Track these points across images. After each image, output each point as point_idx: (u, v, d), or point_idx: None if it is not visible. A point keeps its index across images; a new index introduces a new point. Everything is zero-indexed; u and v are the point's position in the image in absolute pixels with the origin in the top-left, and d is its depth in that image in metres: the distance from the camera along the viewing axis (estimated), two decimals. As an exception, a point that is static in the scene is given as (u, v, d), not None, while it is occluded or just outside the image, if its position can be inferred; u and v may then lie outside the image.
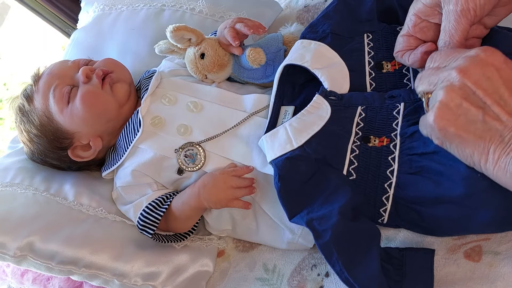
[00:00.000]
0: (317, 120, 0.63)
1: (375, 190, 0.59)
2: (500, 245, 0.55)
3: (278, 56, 0.78)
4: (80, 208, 0.77)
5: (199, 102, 0.77)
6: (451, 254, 0.58)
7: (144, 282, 0.72)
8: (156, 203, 0.73)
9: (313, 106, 0.64)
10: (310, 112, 0.64)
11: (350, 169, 0.61)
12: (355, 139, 0.62)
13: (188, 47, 0.80)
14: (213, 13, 0.98)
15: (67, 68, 0.80)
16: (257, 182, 0.71)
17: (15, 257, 0.68)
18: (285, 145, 0.63)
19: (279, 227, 0.71)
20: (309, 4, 1.00)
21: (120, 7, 1.03)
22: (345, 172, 0.60)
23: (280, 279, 0.70)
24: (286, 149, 0.62)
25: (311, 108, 0.64)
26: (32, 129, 0.79)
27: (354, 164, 0.61)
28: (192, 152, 0.73)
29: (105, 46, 1.00)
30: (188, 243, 0.78)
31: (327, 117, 0.63)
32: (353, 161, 0.61)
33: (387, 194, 0.58)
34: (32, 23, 1.93)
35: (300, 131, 0.62)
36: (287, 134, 0.63)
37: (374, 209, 0.59)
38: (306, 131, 0.62)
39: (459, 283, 0.54)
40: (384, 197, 0.59)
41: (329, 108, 0.63)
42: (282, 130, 0.64)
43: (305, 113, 0.64)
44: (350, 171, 0.61)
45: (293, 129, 0.63)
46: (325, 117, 0.63)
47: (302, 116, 0.64)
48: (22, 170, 0.82)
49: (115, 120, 0.79)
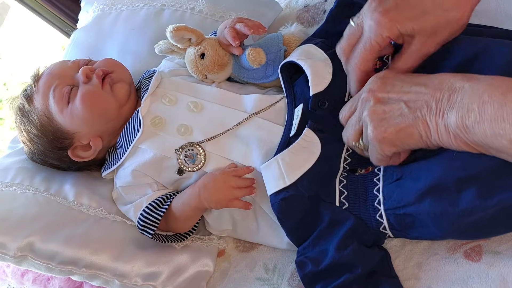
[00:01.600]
0: (309, 156, 0.64)
1: (368, 211, 0.60)
2: (500, 244, 0.55)
3: (278, 56, 0.78)
4: (80, 208, 0.77)
5: (199, 102, 0.77)
6: (451, 254, 0.58)
7: (144, 282, 0.72)
8: (156, 203, 0.73)
9: (304, 139, 0.65)
10: (302, 146, 0.65)
11: (342, 199, 0.62)
12: (343, 172, 0.64)
13: (188, 47, 0.80)
14: (213, 13, 0.98)
15: (67, 68, 0.80)
16: (257, 183, 0.71)
17: (15, 257, 0.68)
18: (278, 181, 0.64)
19: (279, 227, 0.71)
20: (309, 4, 1.00)
21: (120, 7, 1.03)
22: (338, 203, 0.62)
23: (280, 279, 0.70)
24: (279, 185, 0.63)
25: (302, 142, 0.65)
26: (32, 129, 0.79)
27: (344, 194, 0.62)
28: (192, 152, 0.73)
29: (105, 46, 1.00)
30: (189, 243, 0.78)
31: (318, 153, 0.64)
32: (343, 191, 0.63)
33: (379, 212, 0.59)
34: (32, 23, 1.93)
35: (293, 168, 0.64)
36: (279, 168, 0.64)
37: (375, 230, 0.60)
38: (299, 168, 0.63)
39: (459, 282, 0.54)
40: (377, 215, 0.59)
41: (319, 145, 0.65)
42: (274, 164, 0.65)
43: (297, 147, 0.65)
44: (342, 201, 0.62)
45: (285, 164, 0.64)
46: (316, 154, 0.64)
47: (294, 150, 0.65)
48: (22, 170, 0.82)
49: (115, 120, 0.79)
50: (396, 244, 0.63)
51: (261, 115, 0.74)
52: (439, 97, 0.49)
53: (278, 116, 0.73)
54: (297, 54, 0.73)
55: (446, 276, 0.56)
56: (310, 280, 0.61)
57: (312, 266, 0.61)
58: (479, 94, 0.46)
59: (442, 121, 0.48)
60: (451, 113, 0.47)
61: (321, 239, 0.62)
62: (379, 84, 0.55)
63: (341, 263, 0.59)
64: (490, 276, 0.53)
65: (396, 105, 0.52)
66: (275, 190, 0.64)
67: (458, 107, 0.47)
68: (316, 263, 0.61)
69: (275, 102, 0.75)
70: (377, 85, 0.55)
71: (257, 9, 0.98)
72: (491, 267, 0.54)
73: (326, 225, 0.62)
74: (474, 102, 0.46)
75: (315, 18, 0.97)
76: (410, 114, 0.51)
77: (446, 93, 0.49)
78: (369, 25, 0.57)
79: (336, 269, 0.59)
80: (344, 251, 0.59)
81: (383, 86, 0.54)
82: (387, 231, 0.59)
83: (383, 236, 0.61)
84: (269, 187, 0.65)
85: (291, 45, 0.79)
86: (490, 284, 0.52)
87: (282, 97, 0.76)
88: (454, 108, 0.47)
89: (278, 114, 0.74)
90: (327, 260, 0.60)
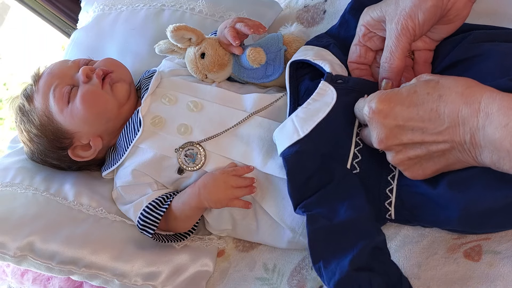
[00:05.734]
0: (323, 106, 0.62)
1: (379, 183, 0.59)
2: (500, 244, 0.55)
3: (278, 56, 0.78)
4: (80, 208, 0.77)
5: (199, 102, 0.77)
6: (451, 254, 0.58)
7: (144, 282, 0.72)
8: (156, 203, 0.73)
9: (318, 93, 0.63)
10: (316, 100, 0.63)
11: (354, 163, 0.61)
12: (358, 130, 0.62)
13: (188, 47, 0.80)
14: (213, 13, 0.98)
15: (67, 68, 0.80)
16: (257, 182, 0.71)
17: (15, 257, 0.68)
18: (292, 135, 0.62)
19: (280, 226, 0.71)
20: (309, 4, 1.00)
21: (120, 7, 1.03)
22: (349, 166, 0.61)
23: (280, 278, 0.70)
24: (293, 139, 0.61)
25: (316, 95, 0.63)
26: (32, 129, 0.79)
27: (358, 158, 0.61)
28: (192, 151, 0.73)
29: (105, 46, 1.00)
30: (188, 243, 0.78)
31: (333, 102, 0.61)
32: (357, 155, 0.61)
33: (390, 186, 0.59)
34: (32, 23, 1.93)
35: (305, 120, 0.62)
36: (293, 125, 0.63)
37: (379, 203, 0.60)
38: (312, 119, 0.61)
39: (459, 282, 0.54)
40: (387, 190, 0.59)
41: (334, 93, 0.62)
42: (289, 122, 0.64)
43: (311, 101, 0.63)
44: (354, 165, 0.61)
45: (299, 119, 0.63)
46: (331, 103, 0.61)
47: (307, 105, 0.63)
48: (22, 170, 0.82)
49: (115, 119, 0.79)
50: (396, 244, 0.63)
51: (261, 114, 0.74)
52: (461, 141, 0.48)
53: (279, 114, 0.73)
54: (312, 54, 0.70)
55: (445, 276, 0.56)
56: (321, 236, 0.57)
57: (324, 220, 0.58)
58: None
59: (479, 153, 0.47)
60: (484, 154, 0.47)
61: (329, 198, 0.59)
62: (386, 132, 0.52)
63: (357, 223, 0.56)
64: (490, 276, 0.53)
65: (419, 150, 0.51)
66: (289, 144, 0.62)
67: (488, 150, 0.46)
68: (329, 218, 0.58)
69: (275, 100, 0.75)
70: (384, 133, 0.53)
71: (257, 9, 0.98)
72: (491, 267, 0.54)
73: (335, 185, 0.60)
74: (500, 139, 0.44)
75: (315, 18, 0.97)
76: (442, 158, 0.51)
77: (467, 136, 0.47)
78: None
79: (351, 229, 0.56)
80: (361, 210, 0.57)
81: (390, 134, 0.52)
82: (391, 208, 0.59)
83: (384, 213, 0.60)
84: (283, 144, 0.63)
85: (291, 45, 0.79)
86: (490, 284, 0.52)
87: (282, 95, 0.75)
88: (485, 150, 0.46)
89: (278, 112, 0.74)
90: (341, 217, 0.57)
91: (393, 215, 0.60)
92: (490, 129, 0.44)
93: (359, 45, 0.66)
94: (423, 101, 0.50)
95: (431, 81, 0.51)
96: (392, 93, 0.53)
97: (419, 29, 0.57)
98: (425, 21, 0.56)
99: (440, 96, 0.48)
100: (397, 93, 0.52)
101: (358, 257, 0.52)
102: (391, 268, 0.54)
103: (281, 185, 0.69)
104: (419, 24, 0.56)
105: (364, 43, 0.65)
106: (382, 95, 0.53)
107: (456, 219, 0.55)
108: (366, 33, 0.64)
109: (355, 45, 0.67)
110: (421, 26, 0.56)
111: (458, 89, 0.47)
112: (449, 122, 0.48)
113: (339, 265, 0.52)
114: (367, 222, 0.56)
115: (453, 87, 0.48)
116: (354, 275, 0.51)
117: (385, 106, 0.52)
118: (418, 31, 0.57)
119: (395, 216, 0.60)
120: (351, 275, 0.51)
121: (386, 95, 0.53)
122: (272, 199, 0.70)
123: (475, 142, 0.46)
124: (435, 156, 0.51)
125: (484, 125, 0.45)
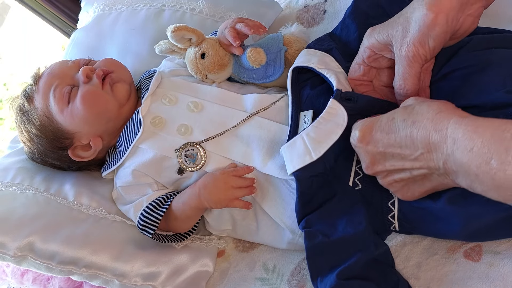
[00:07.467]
0: (335, 128, 0.61)
1: (381, 197, 0.60)
2: (500, 244, 0.55)
3: (279, 56, 0.78)
4: (80, 208, 0.77)
5: (199, 102, 0.77)
6: (451, 254, 0.58)
7: (144, 282, 0.72)
8: (157, 203, 0.73)
9: (328, 112, 0.62)
10: (326, 120, 0.62)
11: (356, 180, 0.62)
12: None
13: (188, 47, 0.80)
14: (213, 13, 0.98)
15: (67, 68, 0.80)
16: (257, 182, 0.71)
17: (15, 257, 0.68)
18: (304, 156, 0.61)
19: (280, 227, 0.71)
20: (309, 4, 1.00)
21: (120, 7, 1.03)
22: (351, 183, 0.61)
23: (280, 279, 0.70)
24: (305, 161, 0.61)
25: (326, 114, 0.62)
26: (33, 129, 0.79)
27: (360, 175, 0.62)
28: (192, 152, 0.73)
29: (105, 46, 1.00)
30: (188, 243, 0.78)
31: (344, 124, 0.61)
32: (359, 172, 0.62)
33: (392, 200, 0.59)
34: (32, 23, 1.93)
35: (319, 142, 0.61)
36: (305, 144, 0.62)
37: (382, 216, 0.60)
38: (325, 141, 0.61)
39: (459, 282, 0.54)
40: (389, 203, 0.59)
41: (345, 115, 0.61)
42: (299, 141, 0.63)
43: (321, 120, 0.62)
44: (356, 182, 0.61)
45: (310, 140, 0.62)
46: (343, 125, 0.61)
47: (318, 124, 0.62)
48: (22, 170, 0.82)
49: (116, 120, 0.79)
50: (396, 244, 0.63)
51: (261, 114, 0.74)
52: (435, 166, 0.48)
53: (279, 115, 0.73)
54: (316, 61, 0.69)
55: (445, 276, 0.56)
56: (318, 251, 0.58)
57: (322, 237, 0.59)
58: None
59: (455, 178, 0.48)
60: (459, 178, 0.47)
61: (330, 214, 0.60)
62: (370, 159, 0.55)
63: (354, 239, 0.57)
64: (490, 276, 0.53)
65: (403, 174, 0.53)
66: (301, 165, 0.61)
67: (461, 175, 0.46)
68: (326, 235, 0.59)
69: (276, 101, 0.75)
70: (368, 159, 0.55)
71: (257, 10, 0.98)
72: (491, 267, 0.54)
73: (336, 202, 0.61)
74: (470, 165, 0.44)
75: (315, 18, 0.97)
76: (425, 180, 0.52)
77: (440, 162, 0.47)
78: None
79: (348, 244, 0.57)
80: (358, 226, 0.58)
81: (373, 160, 0.54)
82: (394, 221, 0.59)
83: (388, 225, 0.60)
84: (294, 163, 0.63)
85: (292, 45, 0.79)
86: (490, 284, 0.52)
87: (282, 95, 0.76)
88: (459, 175, 0.46)
89: (278, 112, 0.74)
90: (339, 233, 0.58)
91: (398, 227, 0.60)
92: (458, 154, 0.44)
93: (363, 65, 0.65)
94: (399, 128, 0.51)
95: (408, 107, 0.52)
96: (374, 121, 0.54)
97: (430, 54, 0.57)
98: (436, 46, 0.56)
99: (413, 122, 0.49)
100: (378, 120, 0.54)
101: (349, 268, 0.54)
102: (388, 276, 0.56)
103: (281, 186, 0.69)
104: (429, 49, 0.56)
105: (368, 63, 0.65)
106: (365, 122, 0.55)
107: (458, 232, 0.55)
108: (371, 55, 0.63)
109: (358, 64, 0.66)
110: (432, 51, 0.56)
111: (429, 115, 0.48)
112: (423, 148, 0.48)
113: (331, 277, 0.55)
114: (364, 237, 0.57)
115: (425, 113, 0.49)
116: (344, 283, 0.53)
117: (366, 133, 0.54)
118: (429, 56, 0.57)
119: (400, 229, 0.61)
120: (342, 284, 0.53)
121: (369, 122, 0.55)
122: (272, 200, 0.70)
123: (448, 167, 0.47)
124: (418, 179, 0.52)
125: (453, 150, 0.45)
